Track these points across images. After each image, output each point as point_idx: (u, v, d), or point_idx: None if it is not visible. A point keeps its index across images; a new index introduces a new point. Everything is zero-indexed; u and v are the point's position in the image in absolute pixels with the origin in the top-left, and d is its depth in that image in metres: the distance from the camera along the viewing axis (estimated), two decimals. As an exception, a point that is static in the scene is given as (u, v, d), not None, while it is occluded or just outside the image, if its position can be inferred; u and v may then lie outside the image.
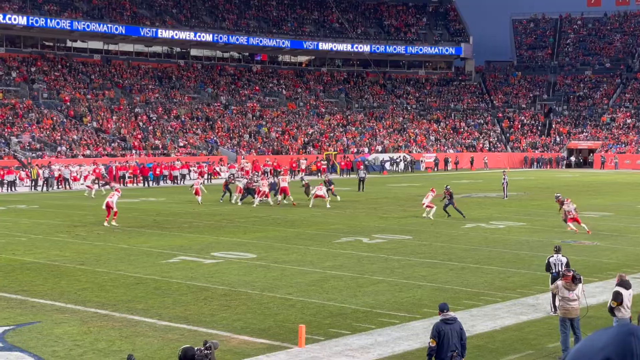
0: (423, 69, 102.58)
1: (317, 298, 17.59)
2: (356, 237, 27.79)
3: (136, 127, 72.19)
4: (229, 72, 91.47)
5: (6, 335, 14.26)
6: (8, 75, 73.73)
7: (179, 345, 13.05)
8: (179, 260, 22.65)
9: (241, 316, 15.82)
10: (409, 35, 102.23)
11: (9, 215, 35.61)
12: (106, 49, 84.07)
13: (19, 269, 21.13)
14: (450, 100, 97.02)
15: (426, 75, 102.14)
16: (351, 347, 13.78)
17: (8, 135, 63.20)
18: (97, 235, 28.31)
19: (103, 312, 16.12)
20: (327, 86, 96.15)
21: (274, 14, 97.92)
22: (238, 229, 30.32)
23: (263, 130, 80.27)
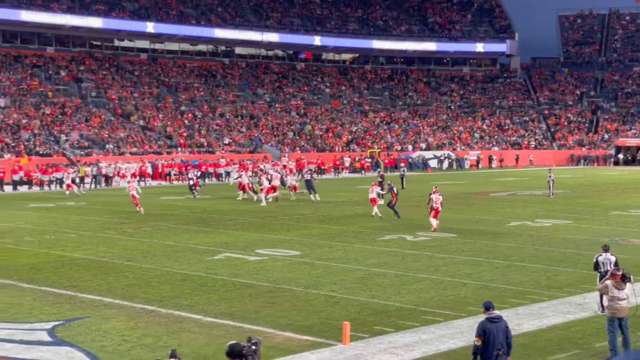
0: (467, 66, 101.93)
1: (361, 295, 17.62)
2: (400, 235, 27.75)
3: (182, 125, 72.81)
4: (273, 70, 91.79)
5: (56, 330, 14.52)
6: (57, 74, 74.84)
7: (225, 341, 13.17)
8: (224, 257, 22.83)
9: (285, 313, 15.91)
10: (454, 32, 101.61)
11: (58, 212, 36.19)
12: (152, 48, 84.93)
13: (68, 265, 21.48)
14: (495, 98, 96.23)
15: (471, 72, 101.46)
16: (395, 344, 13.79)
17: (57, 133, 64.16)
18: (144, 232, 28.65)
19: (150, 308, 16.33)
20: (371, 84, 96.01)
21: (318, 12, 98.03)
22: (282, 226, 30.44)
23: (307, 128, 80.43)
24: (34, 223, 31.47)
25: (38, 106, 67.71)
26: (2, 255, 23.23)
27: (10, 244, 25.68)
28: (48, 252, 23.74)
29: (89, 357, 12.87)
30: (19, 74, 71.98)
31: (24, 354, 13.03)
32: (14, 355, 12.93)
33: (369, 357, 13.12)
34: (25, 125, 63.60)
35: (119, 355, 12.98)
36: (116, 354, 13.05)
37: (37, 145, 60.77)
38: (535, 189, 48.69)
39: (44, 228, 29.79)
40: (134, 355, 12.98)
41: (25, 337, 14.03)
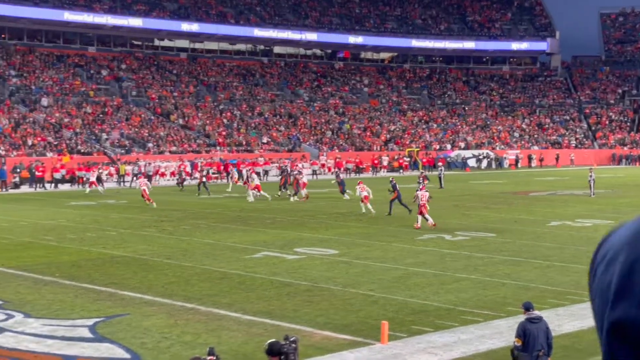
0: (507, 64, 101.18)
1: (400, 295, 17.58)
2: (438, 234, 27.64)
3: (220, 124, 73.20)
4: (311, 69, 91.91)
5: (97, 326, 14.68)
6: (98, 73, 75.66)
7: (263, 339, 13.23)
8: (262, 256, 22.91)
9: (324, 312, 15.93)
10: (493, 30, 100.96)
11: (99, 210, 36.61)
12: (192, 48, 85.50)
13: (109, 263, 21.72)
14: (535, 96, 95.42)
15: (510, 71, 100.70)
16: (434, 344, 13.74)
17: (98, 132, 64.86)
18: (183, 230, 28.86)
19: (189, 305, 16.44)
20: (410, 83, 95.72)
21: (357, 11, 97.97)
22: (320, 225, 30.47)
23: (345, 127, 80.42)
24: (76, 221, 31.86)
25: (80, 105, 68.50)
26: (45, 252, 23.55)
27: (52, 241, 26.03)
28: (89, 250, 24.02)
29: (130, 354, 13.00)
30: (61, 74, 72.90)
31: (65, 350, 13.20)
32: (56, 351, 13.11)
33: (407, 356, 13.09)
34: (67, 124, 64.39)
35: (158, 352, 13.09)
36: (156, 351, 13.16)
37: (78, 144, 61.50)
38: (576, 189, 48.20)
39: (85, 226, 30.15)
40: (173, 353, 13.09)
41: (67, 333, 14.21)
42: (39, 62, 73.69)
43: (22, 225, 30.48)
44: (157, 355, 12.95)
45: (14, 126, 61.30)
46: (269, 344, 7.36)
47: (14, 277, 19.55)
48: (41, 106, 66.28)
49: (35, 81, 70.25)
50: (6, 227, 29.88)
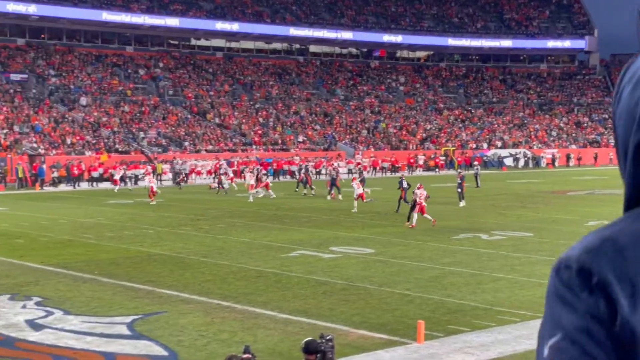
0: (545, 63, 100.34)
1: (436, 294, 17.52)
2: (475, 234, 27.49)
3: (256, 123, 73.46)
4: (347, 68, 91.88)
5: (135, 324, 14.81)
6: (136, 73, 76.30)
7: (299, 338, 13.25)
8: (298, 255, 22.96)
9: (360, 311, 15.92)
10: (531, 28, 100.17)
11: (136, 208, 36.93)
12: (228, 47, 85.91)
13: (146, 261, 21.90)
14: (573, 95, 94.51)
15: (548, 69, 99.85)
16: (471, 344, 13.67)
17: (136, 131, 65.42)
18: (219, 228, 29.01)
19: (225, 303, 16.51)
20: (446, 81, 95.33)
21: (393, 10, 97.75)
22: (356, 224, 30.46)
23: (381, 126, 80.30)
24: (114, 219, 32.17)
25: (117, 104, 69.14)
26: (84, 250, 23.81)
27: (91, 239, 26.31)
28: (127, 248, 24.24)
29: (167, 351, 13.10)
30: (99, 73, 73.64)
31: (104, 347, 13.33)
32: (95, 348, 13.25)
33: (443, 356, 13.04)
34: (105, 123, 65.02)
35: (195, 350, 13.18)
36: (193, 349, 13.25)
37: (116, 143, 62.09)
38: (615, 188, 47.60)
39: (123, 224, 30.43)
40: (210, 350, 13.16)
41: (106, 330, 14.36)
42: (78, 61, 74.49)
43: (62, 223, 30.86)
44: (194, 353, 13.03)
45: (54, 125, 62.05)
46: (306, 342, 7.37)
47: (53, 275, 19.79)
48: (80, 105, 67.01)
49: (74, 81, 71.03)
50: (46, 225, 30.27)
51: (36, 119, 61.91)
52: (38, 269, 20.60)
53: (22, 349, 13.21)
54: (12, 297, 17.10)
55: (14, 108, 62.91)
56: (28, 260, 21.98)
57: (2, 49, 71.47)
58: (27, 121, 61.45)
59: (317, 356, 7.43)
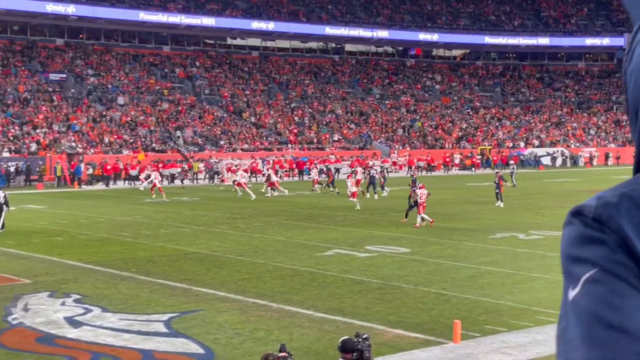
0: (583, 61, 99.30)
1: (472, 294, 17.43)
2: (511, 233, 27.31)
3: (292, 122, 73.60)
4: (383, 67, 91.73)
5: (172, 321, 14.92)
6: (172, 72, 76.82)
7: (335, 337, 13.26)
8: (333, 254, 22.97)
9: (395, 310, 15.89)
10: (569, 26, 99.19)
11: (173, 207, 37.19)
12: (264, 46, 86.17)
13: (183, 259, 22.04)
14: (612, 93, 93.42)
15: (586, 67, 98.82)
16: (508, 344, 13.59)
17: (172, 130, 65.88)
18: (255, 227, 29.12)
19: (261, 302, 16.57)
20: (482, 80, 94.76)
21: (429, 8, 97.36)
22: (391, 223, 30.40)
23: (417, 124, 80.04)
24: (151, 217, 32.43)
25: (154, 103, 69.68)
26: (121, 248, 24.04)
27: (128, 237, 26.54)
28: (164, 246, 24.41)
29: (204, 349, 13.18)
30: (136, 73, 74.25)
31: (142, 344, 13.45)
32: (133, 346, 13.37)
33: (480, 356, 12.98)
34: (142, 122, 65.56)
35: (231, 348, 13.24)
36: (229, 347, 13.32)
37: (153, 142, 62.57)
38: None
39: (159, 222, 30.66)
40: (246, 349, 13.22)
41: (143, 328, 14.48)
42: (116, 61, 75.16)
43: (100, 221, 31.16)
44: (230, 351, 13.10)
45: (92, 124, 62.70)
46: (343, 341, 7.38)
47: (92, 272, 20.00)
48: (117, 104, 67.63)
49: (112, 80, 71.70)
50: (85, 223, 30.59)
51: (74, 118, 62.59)
52: (77, 267, 20.83)
53: (61, 346, 13.37)
54: (52, 294, 17.31)
55: (53, 107, 63.66)
56: (67, 257, 22.23)
57: (42, 49, 72.35)
58: (66, 120, 62.15)
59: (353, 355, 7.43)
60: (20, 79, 66.68)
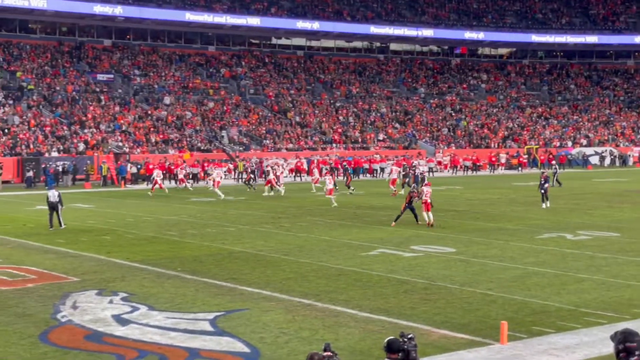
0: (632, 59, 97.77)
1: (519, 295, 17.24)
2: (559, 233, 26.98)
3: (336, 121, 73.59)
4: (428, 65, 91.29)
5: (217, 320, 14.98)
6: (218, 72, 77.31)
7: (380, 337, 13.21)
8: (378, 253, 22.90)
9: (441, 310, 15.78)
10: (617, 24, 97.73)
11: (218, 206, 37.41)
12: (308, 45, 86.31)
13: (228, 258, 22.14)
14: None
15: (635, 65, 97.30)
16: (555, 346, 13.42)
17: (218, 129, 66.29)
18: (300, 226, 29.16)
19: (306, 301, 16.57)
20: (529, 78, 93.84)
21: (475, 6, 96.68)
22: (437, 222, 30.21)
23: (462, 123, 79.52)
24: (197, 217, 32.65)
25: (200, 103, 70.17)
26: (167, 247, 24.22)
27: (175, 236, 26.74)
28: (210, 245, 24.55)
29: (249, 348, 13.21)
30: (182, 72, 74.86)
31: (188, 342, 13.53)
32: (179, 344, 13.45)
33: (527, 357, 12.83)
34: (187, 121, 66.07)
35: (277, 347, 13.26)
36: (274, 346, 13.33)
37: (198, 141, 63.02)
38: None
39: (205, 222, 30.85)
40: (291, 348, 13.23)
41: (189, 326, 14.57)
42: (162, 61, 75.85)
43: (146, 220, 31.46)
44: (276, 350, 13.11)
45: (138, 124, 63.34)
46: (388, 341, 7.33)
47: (138, 271, 20.19)
48: (163, 104, 68.23)
49: (158, 80, 72.37)
50: (131, 222, 30.91)
51: (121, 118, 63.30)
52: (124, 265, 21.05)
53: (109, 344, 13.51)
54: (100, 293, 17.51)
55: (101, 107, 64.45)
56: (114, 256, 22.48)
57: (90, 49, 73.28)
58: (113, 120, 62.88)
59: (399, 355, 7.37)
60: (69, 80, 67.62)
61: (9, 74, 65.94)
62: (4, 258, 22.32)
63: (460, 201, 39.19)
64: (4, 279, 19.18)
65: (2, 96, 61.84)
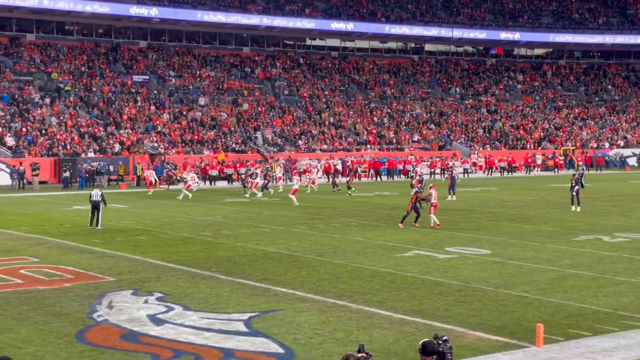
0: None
1: (555, 297, 17.08)
2: (596, 236, 26.69)
3: (371, 122, 73.47)
4: (463, 66, 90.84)
5: (252, 321, 15.01)
6: (252, 73, 77.54)
7: (415, 338, 13.17)
8: (413, 255, 22.81)
9: (476, 312, 15.68)
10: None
11: (252, 207, 37.51)
12: (343, 46, 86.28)
13: (263, 259, 22.18)
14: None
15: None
16: (592, 349, 13.27)
17: (252, 130, 66.48)
18: (334, 227, 29.13)
19: (341, 302, 16.55)
20: (565, 79, 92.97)
21: (510, 7, 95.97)
22: (472, 224, 30.07)
23: (497, 124, 79.01)
24: (231, 217, 32.76)
25: (235, 104, 70.43)
26: (202, 248, 24.33)
27: (209, 236, 26.85)
28: (244, 246, 24.61)
29: (284, 349, 13.22)
30: (217, 73, 75.19)
31: (222, 342, 13.56)
32: (214, 344, 13.49)
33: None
34: (222, 122, 66.34)
35: (311, 348, 13.25)
36: (309, 347, 13.32)
37: (233, 142, 63.25)
38: None
39: (239, 222, 30.94)
40: (325, 349, 13.21)
41: (224, 326, 14.60)
42: (197, 62, 76.25)
43: (180, 220, 31.63)
44: (310, 351, 13.10)
45: (173, 125, 63.73)
46: (424, 343, 7.29)
47: (173, 271, 20.30)
48: (198, 105, 68.59)
49: (193, 81, 72.77)
50: (166, 222, 31.09)
51: (157, 119, 63.73)
52: (159, 265, 21.17)
53: (144, 343, 13.59)
54: (135, 292, 17.63)
55: (136, 108, 64.94)
56: (149, 256, 22.62)
57: (125, 51, 73.89)
58: (148, 121, 63.33)
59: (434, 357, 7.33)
60: (105, 81, 68.23)
61: (46, 75, 66.69)
62: (41, 258, 22.56)
63: (496, 203, 38.93)
64: (42, 279, 19.38)
65: (39, 97, 62.55)
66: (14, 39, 69.50)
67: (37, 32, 71.37)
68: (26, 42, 70.23)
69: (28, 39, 70.61)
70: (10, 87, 62.98)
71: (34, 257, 22.59)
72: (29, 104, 61.06)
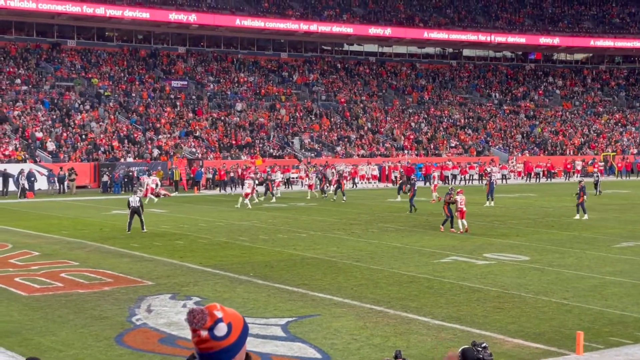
0: None
1: (595, 304, 16.88)
2: (637, 242, 26.35)
3: (408, 128, 73.27)
4: (501, 71, 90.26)
5: (289, 326, 15.03)
6: (290, 78, 77.75)
7: (452, 345, 13.08)
8: (451, 260, 22.69)
9: (515, 319, 15.55)
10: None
11: (289, 212, 37.58)
12: (380, 52, 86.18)
13: (300, 264, 22.19)
14: None
15: None
16: (633, 357, 13.09)
17: (289, 135, 66.63)
18: (371, 233, 29.09)
19: (378, 308, 16.51)
20: (605, 84, 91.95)
21: (550, 11, 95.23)
22: (510, 230, 29.84)
23: (536, 130, 78.37)
24: (268, 222, 32.84)
25: (272, 109, 70.67)
26: (239, 252, 24.41)
27: (246, 241, 26.94)
28: (281, 251, 24.66)
29: (321, 354, 13.21)
30: (255, 78, 75.51)
31: (260, 347, 13.59)
32: (251, 349, 13.46)
33: (604, 369, 12.55)
34: (260, 127, 66.58)
35: (348, 354, 13.23)
36: (346, 352, 13.30)
37: (270, 147, 63.44)
38: None
39: (277, 227, 31.01)
40: (363, 355, 13.18)
41: (261, 331, 14.63)
42: (234, 68, 76.64)
43: (219, 225, 31.78)
44: (347, 357, 13.08)
45: (211, 130, 64.10)
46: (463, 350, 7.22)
47: (211, 275, 20.39)
48: (236, 110, 68.92)
49: (231, 86, 73.14)
50: (205, 227, 31.25)
51: (195, 124, 64.15)
52: (197, 270, 21.28)
53: (182, 347, 13.67)
54: (173, 297, 17.73)
55: (175, 113, 65.44)
56: (187, 261, 22.75)
57: (164, 56, 74.51)
58: (187, 126, 63.76)
59: (472, 365, 7.26)
60: (144, 86, 68.85)
61: (87, 80, 67.47)
62: (81, 261, 22.80)
63: (534, 209, 38.60)
64: (82, 282, 19.59)
65: (79, 102, 63.28)
66: (55, 45, 70.41)
67: (77, 38, 72.25)
68: (67, 48, 71.11)
69: (69, 45, 71.51)
70: (51, 92, 63.80)
71: (74, 261, 22.84)
72: (69, 110, 61.80)
